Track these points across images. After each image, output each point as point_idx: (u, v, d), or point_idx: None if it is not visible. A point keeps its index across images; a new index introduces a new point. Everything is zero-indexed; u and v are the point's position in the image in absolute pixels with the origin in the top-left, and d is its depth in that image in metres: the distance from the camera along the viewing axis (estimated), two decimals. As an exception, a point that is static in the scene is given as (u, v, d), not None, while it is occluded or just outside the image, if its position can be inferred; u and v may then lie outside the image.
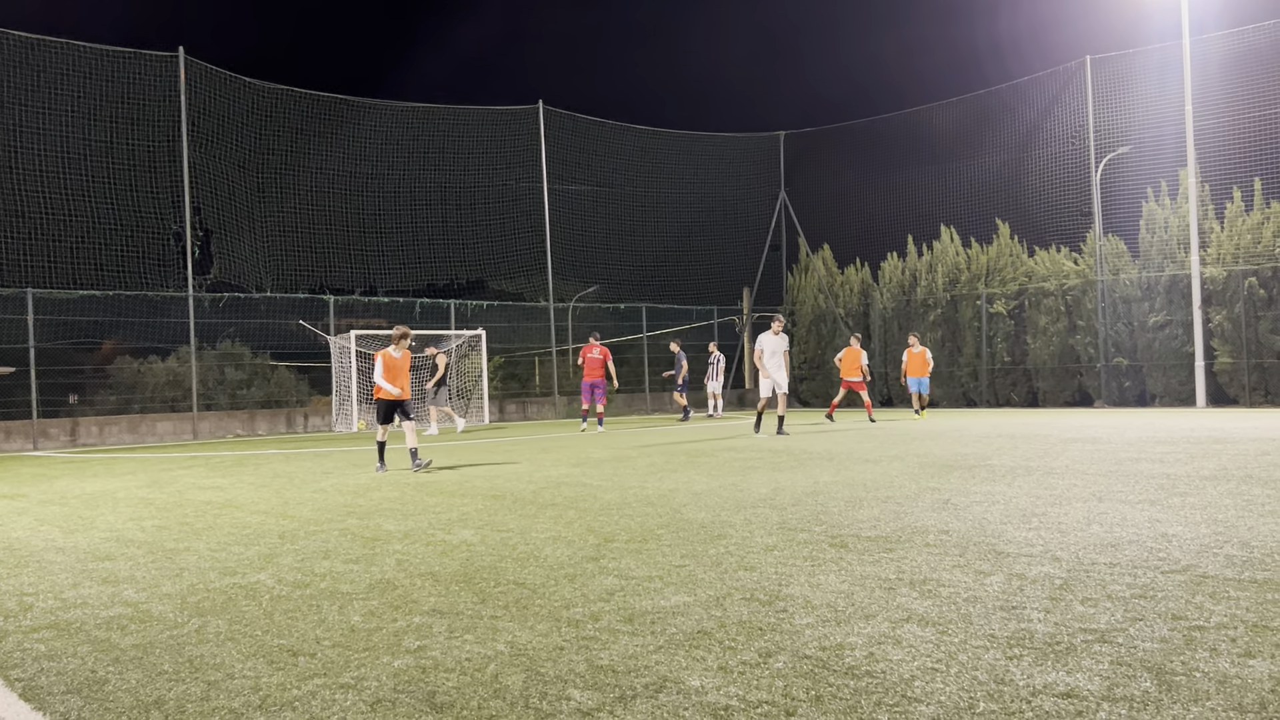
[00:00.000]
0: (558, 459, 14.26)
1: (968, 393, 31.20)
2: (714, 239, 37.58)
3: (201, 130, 27.29)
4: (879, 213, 35.41)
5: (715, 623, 4.48)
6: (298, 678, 3.87)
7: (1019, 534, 6.52)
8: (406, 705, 3.50)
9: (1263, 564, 5.36)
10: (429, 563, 6.20)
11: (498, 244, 33.40)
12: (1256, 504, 7.51)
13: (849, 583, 5.22)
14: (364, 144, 31.28)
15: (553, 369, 33.04)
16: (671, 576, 5.51)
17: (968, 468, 11.01)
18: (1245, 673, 3.54)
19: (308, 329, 27.47)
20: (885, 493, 8.99)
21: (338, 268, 30.59)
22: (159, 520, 8.82)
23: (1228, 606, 4.47)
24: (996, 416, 23.73)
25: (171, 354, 27.45)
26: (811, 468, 11.56)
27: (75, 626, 4.86)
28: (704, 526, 7.29)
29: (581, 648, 4.14)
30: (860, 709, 3.31)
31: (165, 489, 11.77)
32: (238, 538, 7.56)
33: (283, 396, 28.90)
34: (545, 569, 5.87)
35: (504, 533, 7.32)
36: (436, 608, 4.96)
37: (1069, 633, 4.13)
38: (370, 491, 10.62)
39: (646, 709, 3.38)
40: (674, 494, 9.43)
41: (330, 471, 13.42)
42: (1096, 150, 29.35)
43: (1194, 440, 13.79)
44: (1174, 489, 8.54)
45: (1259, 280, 24.95)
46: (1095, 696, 3.34)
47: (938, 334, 31.39)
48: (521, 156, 33.57)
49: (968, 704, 3.32)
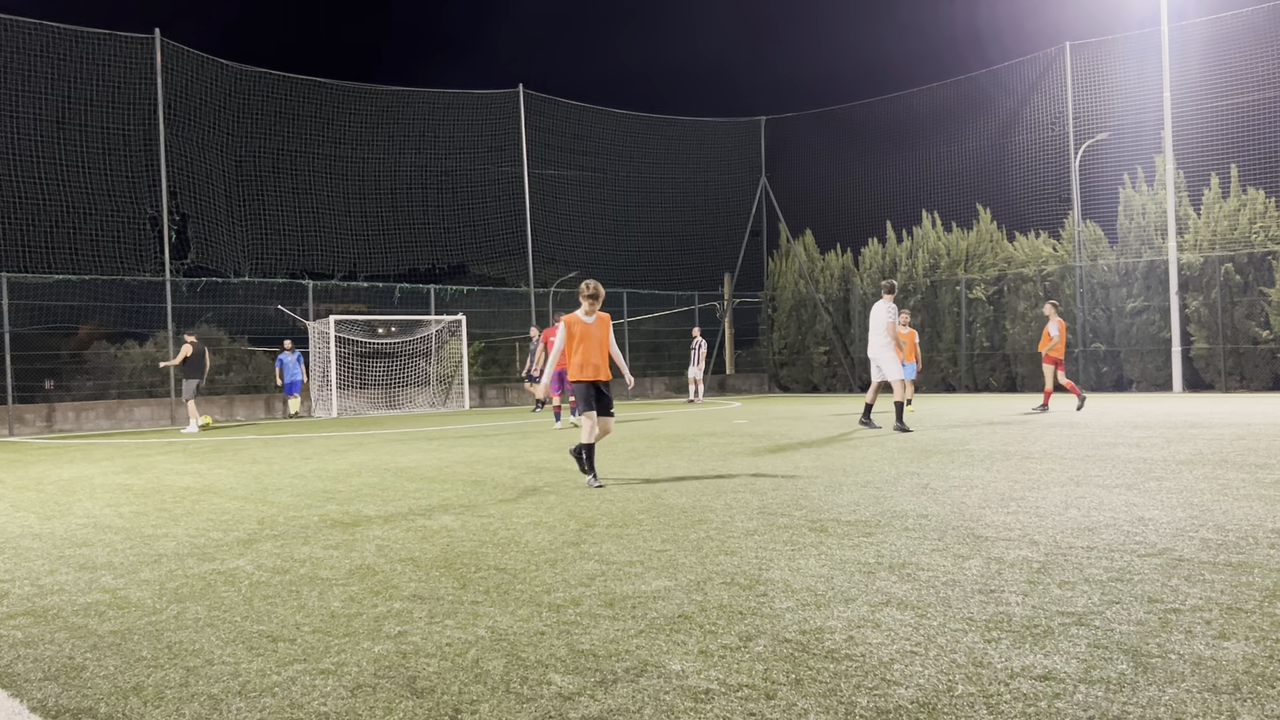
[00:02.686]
0: (538, 444, 14.25)
1: (946, 378, 31.34)
2: (695, 224, 37.58)
3: (178, 113, 27.06)
4: (860, 198, 35.49)
5: (696, 607, 4.49)
6: (277, 663, 3.86)
7: (997, 518, 6.57)
8: (387, 690, 3.50)
9: (1237, 547, 5.41)
10: (409, 548, 6.18)
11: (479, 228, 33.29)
12: (1231, 488, 7.58)
13: (829, 567, 5.24)
14: (343, 128, 31.10)
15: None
16: (652, 561, 5.52)
17: (946, 452, 11.07)
18: (1219, 654, 3.58)
19: (286, 314, 27.32)
20: (864, 477, 9.03)
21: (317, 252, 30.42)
22: (137, 506, 8.77)
23: (1203, 589, 4.52)
24: (975, 401, 23.85)
25: (149, 339, 27.25)
26: (791, 453, 11.59)
27: (52, 613, 4.82)
28: (684, 511, 7.30)
29: (562, 632, 4.15)
30: (840, 692, 3.32)
31: (143, 475, 11.69)
32: (216, 523, 7.52)
33: (261, 382, 28.74)
34: (526, 554, 5.86)
35: (484, 518, 7.31)
36: (417, 593, 4.95)
37: (1046, 615, 4.16)
38: (350, 477, 10.58)
39: (627, 693, 3.38)
40: (655, 479, 9.44)
41: (309, 457, 13.36)
42: (1076, 136, 29.48)
43: (1170, 425, 13.91)
44: (1150, 473, 8.61)
45: (1235, 266, 25.14)
46: (1072, 678, 3.37)
47: (918, 319, 31.50)
48: (502, 140, 33.46)
49: (946, 686, 3.34)
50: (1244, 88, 26.24)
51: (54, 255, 24.87)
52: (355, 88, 31.17)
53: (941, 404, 22.99)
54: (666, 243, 36.91)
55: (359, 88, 31.25)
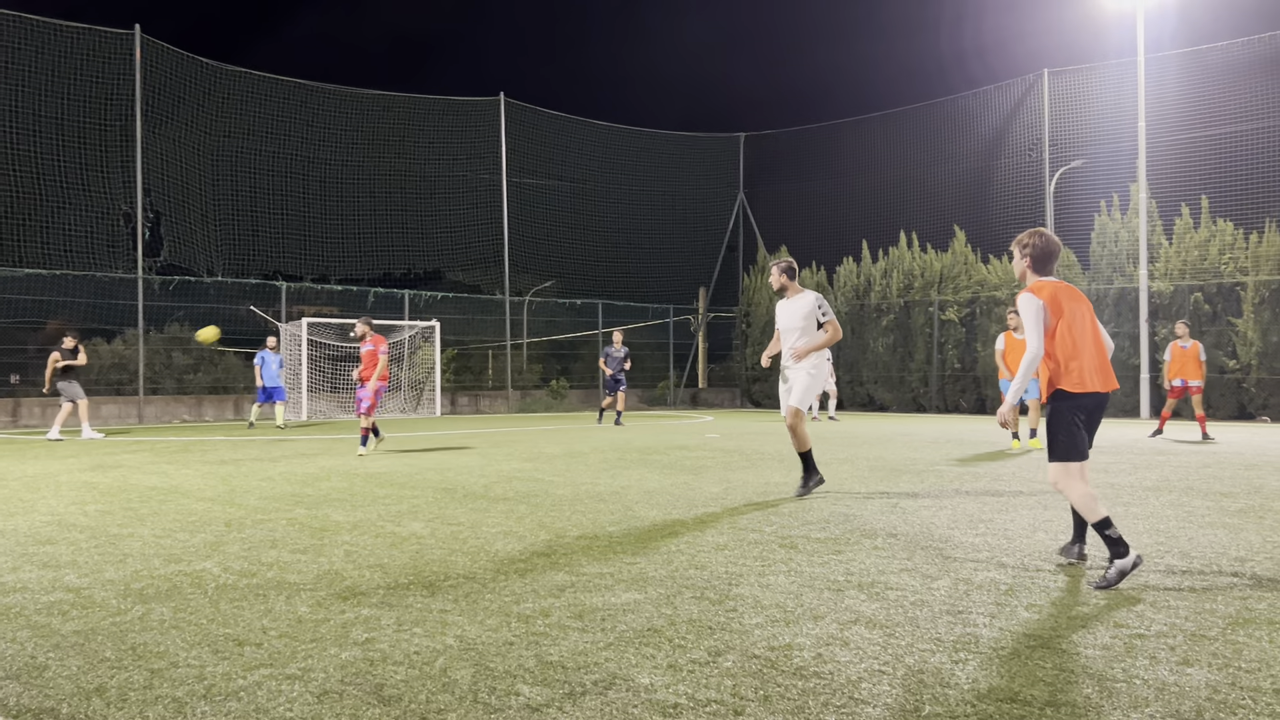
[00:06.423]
0: (510, 453, 14.21)
1: (917, 398, 31.52)
2: (672, 238, 37.65)
3: (156, 110, 26.83)
4: (838, 217, 35.67)
5: (665, 620, 4.49)
6: (243, 667, 3.82)
7: (966, 539, 6.61)
8: (354, 697, 3.47)
9: (1201, 574, 5.47)
10: (378, 555, 6.15)
11: (455, 235, 33.20)
12: (1197, 515, 7.66)
13: (798, 583, 5.26)
14: (322, 130, 30.92)
15: (506, 363, 32.91)
16: (622, 573, 5.52)
17: (916, 472, 11.13)
18: (1183, 681, 3.62)
19: (259, 315, 27.11)
20: (835, 495, 9.06)
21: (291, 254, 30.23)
22: (102, 505, 8.67)
23: (1167, 615, 4.56)
24: (946, 422, 24.00)
25: (118, 336, 26.97)
26: (762, 468, 11.62)
27: (14, 611, 4.76)
28: (655, 524, 7.30)
29: (531, 643, 4.13)
30: (808, 709, 3.33)
31: (109, 473, 11.57)
32: (183, 524, 7.45)
33: (231, 383, 28.49)
34: (496, 563, 5.84)
35: (454, 526, 7.28)
36: (385, 600, 4.92)
37: (1014, 638, 4.19)
38: (319, 481, 10.51)
39: (595, 705, 3.38)
40: (626, 491, 9.43)
41: (278, 460, 13.26)
42: (1052, 162, 29.80)
43: (1137, 451, 14.05)
44: (1118, 499, 8.70)
45: (1204, 296, 25.46)
46: (1038, 702, 3.40)
47: (890, 339, 31.69)
48: (481, 148, 33.38)
49: (913, 707, 3.35)
50: (1217, 120, 26.64)
51: (25, 248, 24.60)
52: (336, 90, 31.06)
53: (913, 424, 23.12)
54: (643, 255, 36.95)
55: (339, 90, 31.14)
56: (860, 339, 31.87)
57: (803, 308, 9.13)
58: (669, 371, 36.89)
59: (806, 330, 9.07)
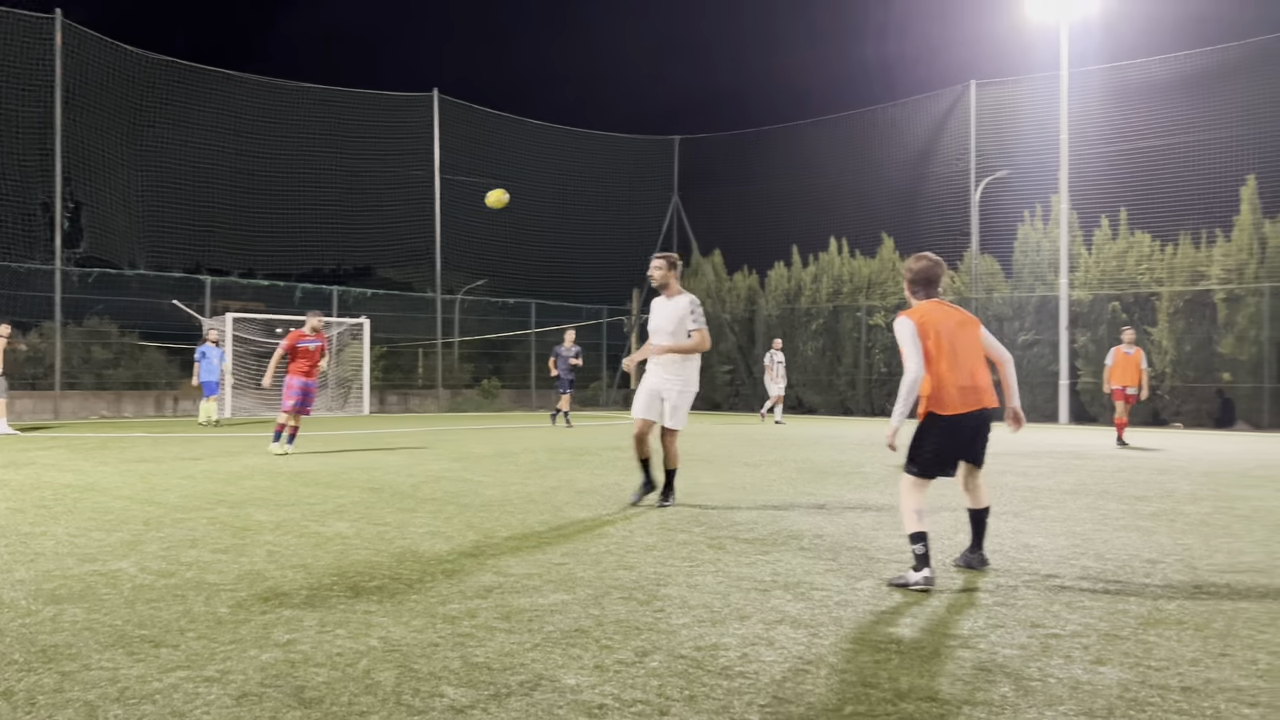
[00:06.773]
0: (439, 453, 14.09)
1: (845, 401, 31.90)
2: (606, 238, 37.57)
3: (77, 97, 26.08)
4: (769, 222, 35.93)
5: (593, 621, 4.49)
6: (159, 669, 3.74)
7: (890, 541, 6.71)
8: (274, 700, 3.41)
9: (1115, 576, 5.63)
10: (301, 555, 6.05)
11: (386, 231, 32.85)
12: (1112, 518, 7.87)
13: (725, 584, 5.29)
14: (251, 121, 30.30)
15: (437, 361, 32.62)
16: (551, 574, 5.50)
17: (843, 474, 11.27)
18: (1096, 679, 3.71)
19: (182, 309, 26.52)
20: (763, 496, 9.14)
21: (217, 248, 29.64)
22: (13, 502, 8.41)
23: (1082, 615, 4.68)
24: (872, 425, 24.32)
25: (34, 329, 26.17)
26: (692, 469, 11.66)
27: (-83, 612, 4.60)
28: (584, 525, 7.29)
29: (457, 644, 4.10)
30: (733, 709, 3.35)
31: (21, 470, 11.22)
32: (99, 523, 7.25)
33: (152, 379, 27.80)
34: (422, 564, 5.79)
35: (380, 526, 7.20)
36: (308, 601, 4.85)
37: (934, 638, 4.27)
38: (242, 480, 10.32)
39: (521, 707, 3.36)
40: (556, 492, 9.41)
41: (200, 458, 12.99)
42: (977, 172, 30.38)
43: (1056, 456, 14.39)
44: (1036, 501, 8.90)
45: (1121, 304, 26.16)
46: (957, 700, 3.46)
47: (819, 343, 32.03)
48: (413, 144, 33.04)
49: (836, 705, 3.40)
50: (1137, 135, 27.38)
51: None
52: (264, 81, 30.46)
53: (840, 426, 23.40)
54: (577, 256, 36.85)
55: (268, 81, 30.54)
56: (790, 342, 32.15)
57: (677, 311, 8.57)
58: (602, 372, 36.89)
59: (677, 335, 8.56)
